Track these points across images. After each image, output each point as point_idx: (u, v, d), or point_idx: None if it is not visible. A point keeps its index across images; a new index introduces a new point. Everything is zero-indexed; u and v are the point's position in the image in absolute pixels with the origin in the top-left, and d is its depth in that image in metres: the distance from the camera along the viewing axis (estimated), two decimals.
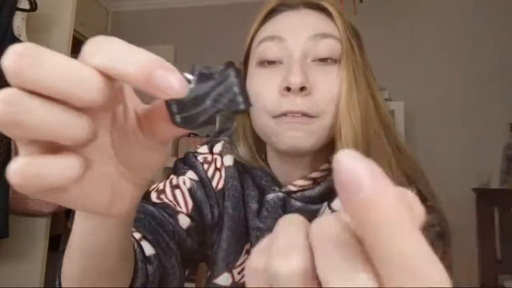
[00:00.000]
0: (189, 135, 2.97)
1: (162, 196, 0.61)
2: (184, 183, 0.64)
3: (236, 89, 0.23)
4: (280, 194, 0.62)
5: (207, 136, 2.94)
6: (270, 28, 0.60)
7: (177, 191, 0.62)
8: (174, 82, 0.21)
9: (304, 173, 0.61)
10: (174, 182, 0.63)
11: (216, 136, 0.73)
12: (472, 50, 2.67)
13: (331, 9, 0.58)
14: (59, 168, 0.22)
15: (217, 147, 0.70)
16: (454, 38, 2.71)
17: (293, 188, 0.61)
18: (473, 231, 2.46)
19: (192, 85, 0.23)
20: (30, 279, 1.89)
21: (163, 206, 0.59)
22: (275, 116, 0.56)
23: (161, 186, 0.63)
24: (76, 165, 0.23)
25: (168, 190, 0.62)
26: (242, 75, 0.25)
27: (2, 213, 1.67)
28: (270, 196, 0.62)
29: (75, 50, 2.27)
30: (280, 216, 0.59)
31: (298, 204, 0.61)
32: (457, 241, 0.56)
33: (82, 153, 0.24)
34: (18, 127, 0.20)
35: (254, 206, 0.64)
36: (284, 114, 0.55)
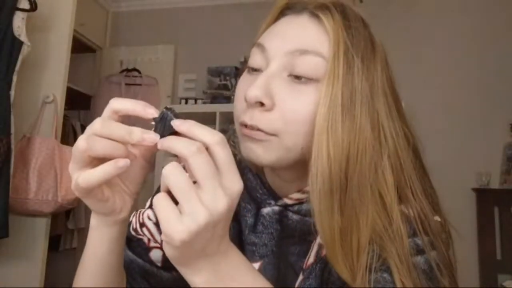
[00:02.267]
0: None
1: (138, 232, 0.64)
2: (148, 217, 0.64)
3: (171, 118, 0.41)
4: (276, 208, 0.59)
5: None
6: (266, 33, 0.57)
7: (144, 229, 0.64)
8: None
9: (300, 186, 0.57)
10: (140, 219, 0.64)
11: None
12: (472, 50, 2.67)
13: (327, 23, 0.52)
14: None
15: None
16: (454, 38, 2.71)
17: (289, 202, 0.59)
18: (473, 231, 2.46)
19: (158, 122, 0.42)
20: (30, 279, 1.89)
21: (138, 245, 0.63)
22: (240, 124, 0.54)
23: (133, 224, 0.65)
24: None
25: (138, 228, 0.64)
26: (175, 113, 0.42)
27: (2, 213, 1.67)
28: (266, 210, 0.60)
29: (75, 50, 2.27)
30: (276, 230, 0.59)
31: (295, 217, 0.58)
32: (457, 241, 0.56)
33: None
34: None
35: (250, 220, 0.61)
36: (243, 125, 0.53)
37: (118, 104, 0.43)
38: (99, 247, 0.49)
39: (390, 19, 2.60)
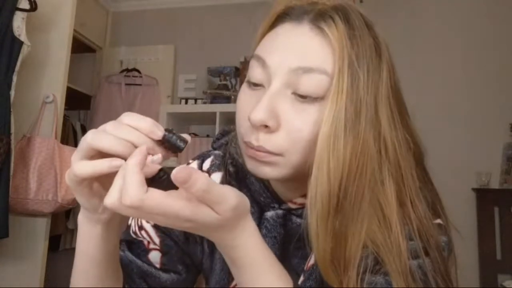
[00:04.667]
0: (189, 135, 2.96)
1: (138, 235, 0.65)
2: (146, 220, 0.64)
3: (176, 139, 0.43)
4: (280, 212, 0.59)
5: (207, 136, 2.93)
6: (265, 42, 0.55)
7: (143, 232, 0.64)
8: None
9: (304, 191, 0.56)
10: (139, 222, 0.65)
11: (219, 137, 0.71)
12: (472, 50, 2.67)
13: (331, 35, 0.50)
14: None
15: (206, 164, 0.67)
16: (454, 38, 2.71)
17: (293, 206, 0.59)
18: (473, 231, 2.46)
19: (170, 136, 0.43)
20: (30, 279, 1.89)
21: (138, 246, 0.64)
22: (244, 143, 0.53)
23: (132, 227, 0.65)
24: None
25: (137, 231, 0.64)
26: (177, 135, 0.44)
27: (2, 213, 1.67)
28: (269, 213, 0.60)
29: (75, 50, 2.27)
30: (279, 234, 0.59)
31: (299, 221, 0.58)
32: (457, 241, 0.56)
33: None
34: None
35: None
36: (248, 145, 0.52)
37: (128, 120, 0.43)
38: (85, 243, 0.49)
39: (390, 19, 2.60)
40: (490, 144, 2.56)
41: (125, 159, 0.40)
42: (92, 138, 0.41)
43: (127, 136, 0.41)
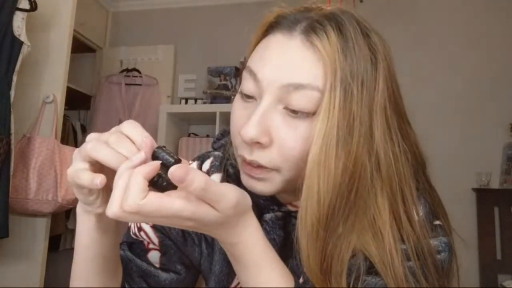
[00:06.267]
0: (189, 135, 2.97)
1: (137, 236, 0.66)
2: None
3: (166, 156, 0.41)
4: (279, 214, 0.59)
5: (207, 136, 2.93)
6: (257, 52, 0.54)
7: (142, 233, 0.65)
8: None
9: None
10: (138, 224, 0.65)
11: (219, 137, 0.70)
12: (472, 50, 2.67)
13: (322, 49, 0.48)
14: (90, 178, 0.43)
15: (206, 165, 0.67)
16: (454, 38, 2.71)
17: (292, 209, 0.59)
18: (473, 231, 2.46)
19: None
20: (30, 279, 1.89)
21: (138, 246, 0.65)
22: (239, 156, 0.54)
23: (132, 228, 0.65)
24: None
25: (137, 232, 0.65)
26: (166, 151, 0.42)
27: (2, 213, 1.67)
28: (268, 216, 0.60)
29: (75, 50, 2.27)
30: (278, 236, 0.59)
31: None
32: (457, 241, 0.56)
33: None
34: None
35: None
36: (242, 159, 0.52)
37: (126, 129, 0.45)
38: (82, 233, 0.51)
39: (390, 18, 2.60)
40: (490, 144, 2.56)
41: None
42: (91, 149, 0.42)
43: (127, 152, 0.42)
